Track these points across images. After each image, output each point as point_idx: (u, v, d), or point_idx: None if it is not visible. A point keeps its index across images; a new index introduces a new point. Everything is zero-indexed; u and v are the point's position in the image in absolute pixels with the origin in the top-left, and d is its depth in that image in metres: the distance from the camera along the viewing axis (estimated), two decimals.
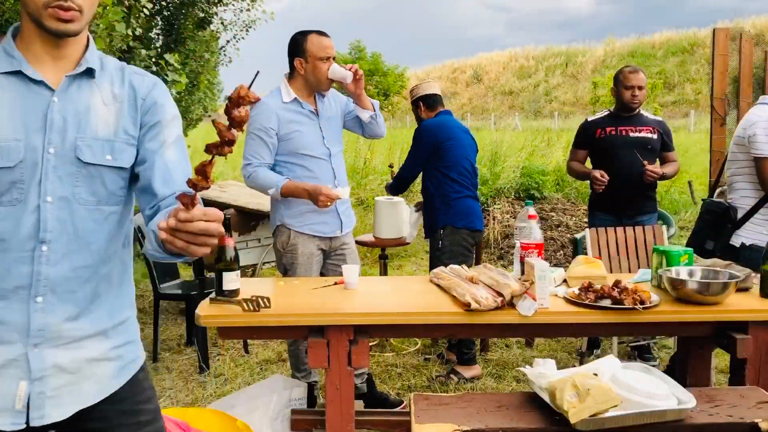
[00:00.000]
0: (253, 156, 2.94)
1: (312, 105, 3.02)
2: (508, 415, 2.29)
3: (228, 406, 2.68)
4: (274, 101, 2.96)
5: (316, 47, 2.90)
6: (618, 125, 3.71)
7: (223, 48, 8.28)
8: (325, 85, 3.00)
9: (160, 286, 3.91)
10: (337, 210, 3.02)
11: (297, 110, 2.98)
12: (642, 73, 3.72)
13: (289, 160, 2.97)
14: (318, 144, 3.00)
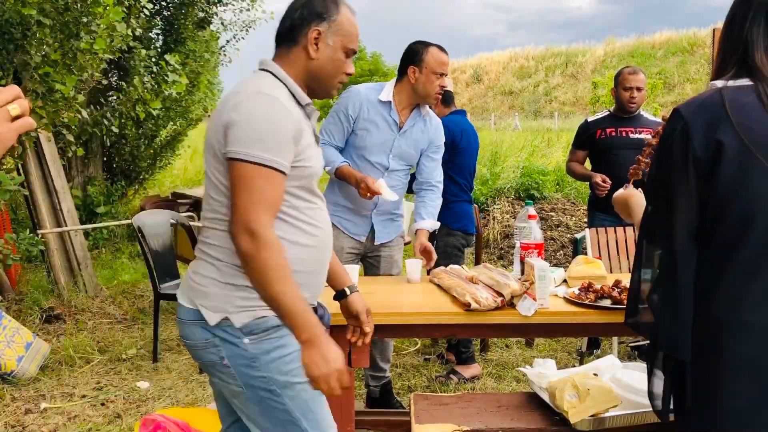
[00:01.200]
0: (325, 132, 2.96)
1: (402, 117, 2.94)
2: (508, 415, 2.29)
3: None
4: (369, 92, 2.92)
5: (435, 61, 2.85)
6: (618, 126, 3.71)
7: (223, 48, 8.29)
8: (431, 98, 2.93)
9: (161, 286, 3.90)
10: (372, 216, 2.98)
11: (383, 113, 2.90)
12: (642, 74, 3.72)
13: (351, 153, 2.94)
14: (381, 153, 2.92)
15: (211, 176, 1.62)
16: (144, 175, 7.65)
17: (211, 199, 1.62)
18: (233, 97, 1.57)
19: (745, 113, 1.44)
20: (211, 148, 1.60)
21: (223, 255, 1.59)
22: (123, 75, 6.85)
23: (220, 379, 1.64)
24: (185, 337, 1.66)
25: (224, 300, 1.58)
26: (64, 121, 4.32)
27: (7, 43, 4.02)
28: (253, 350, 1.58)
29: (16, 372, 3.52)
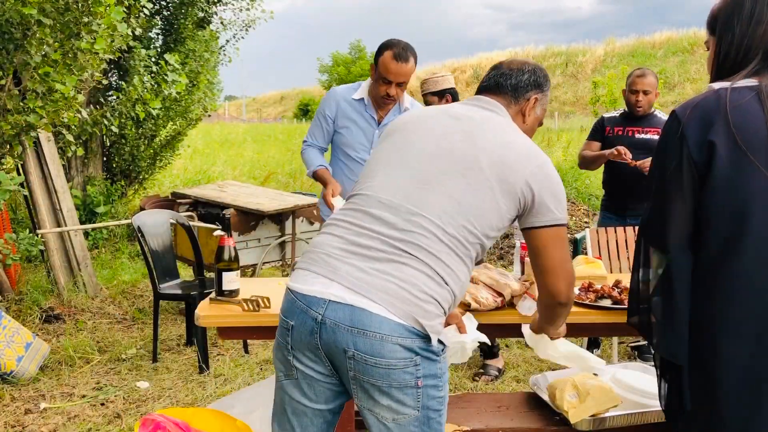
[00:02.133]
0: (309, 135, 3.10)
1: (381, 112, 3.02)
2: (508, 415, 2.29)
3: (228, 406, 2.68)
4: (345, 92, 3.05)
5: (383, 67, 2.87)
6: (627, 125, 3.76)
7: (222, 47, 8.28)
8: (379, 102, 2.99)
9: (160, 286, 3.90)
10: None
11: (359, 110, 3.01)
12: (651, 77, 3.71)
13: (338, 152, 3.07)
14: (362, 149, 3.03)
15: (491, 202, 1.58)
16: (144, 175, 7.64)
17: (465, 220, 1.56)
18: (532, 158, 1.64)
19: (740, 113, 1.44)
20: (504, 180, 1.59)
21: (449, 278, 1.55)
22: (123, 75, 6.85)
23: (398, 402, 1.51)
24: (378, 355, 1.46)
25: (438, 321, 1.54)
26: (64, 121, 4.31)
27: (7, 42, 4.02)
28: (443, 368, 1.58)
29: (16, 372, 3.52)
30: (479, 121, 1.67)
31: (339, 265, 1.52)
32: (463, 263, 1.58)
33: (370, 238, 1.54)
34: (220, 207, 5.11)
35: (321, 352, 1.53)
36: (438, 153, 1.61)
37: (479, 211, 1.57)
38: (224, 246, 2.37)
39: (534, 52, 41.82)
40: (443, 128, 1.66)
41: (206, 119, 10.14)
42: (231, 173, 11.30)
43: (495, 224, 1.60)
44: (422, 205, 1.55)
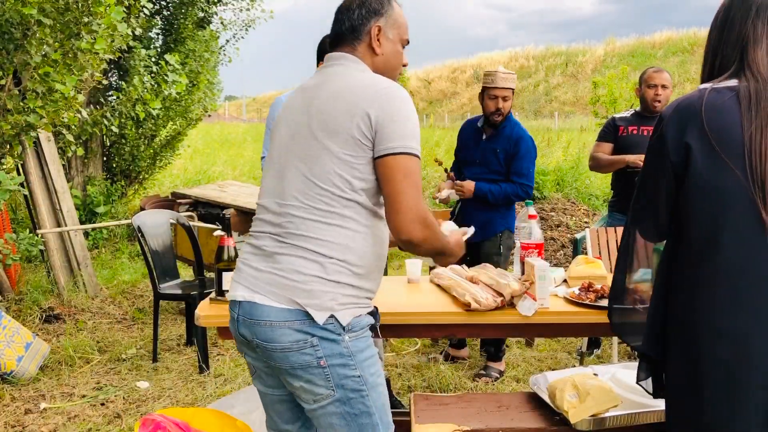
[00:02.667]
0: (266, 149, 3.08)
1: None
2: (508, 415, 2.29)
3: (228, 406, 2.68)
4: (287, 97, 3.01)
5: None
6: (640, 125, 3.72)
7: (222, 47, 8.29)
8: None
9: (160, 286, 3.90)
10: None
11: None
12: (666, 73, 3.71)
13: None
14: None
15: (325, 162, 1.57)
16: (144, 175, 7.64)
17: (317, 187, 1.57)
18: (372, 90, 1.58)
19: (717, 114, 1.46)
20: (337, 133, 1.56)
21: (329, 250, 1.57)
22: (123, 75, 6.86)
23: (308, 382, 1.58)
24: (272, 341, 1.57)
25: (330, 297, 1.56)
26: (64, 121, 4.32)
27: (7, 42, 4.02)
28: (352, 348, 1.59)
29: (16, 372, 3.52)
30: (319, 84, 1.67)
31: (244, 268, 1.68)
32: (341, 227, 1.58)
33: (262, 239, 1.66)
34: (220, 207, 5.11)
35: (245, 346, 1.69)
36: (287, 138, 1.66)
37: (326, 175, 1.57)
38: (224, 246, 2.37)
39: (534, 52, 41.82)
40: (293, 110, 1.69)
41: (206, 119, 10.14)
42: (231, 173, 11.30)
43: (351, 176, 1.57)
44: (283, 195, 1.63)
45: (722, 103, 1.47)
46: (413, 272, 2.65)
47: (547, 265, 2.16)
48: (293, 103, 1.71)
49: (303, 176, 1.59)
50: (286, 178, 1.62)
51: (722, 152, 1.43)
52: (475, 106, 37.01)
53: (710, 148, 1.44)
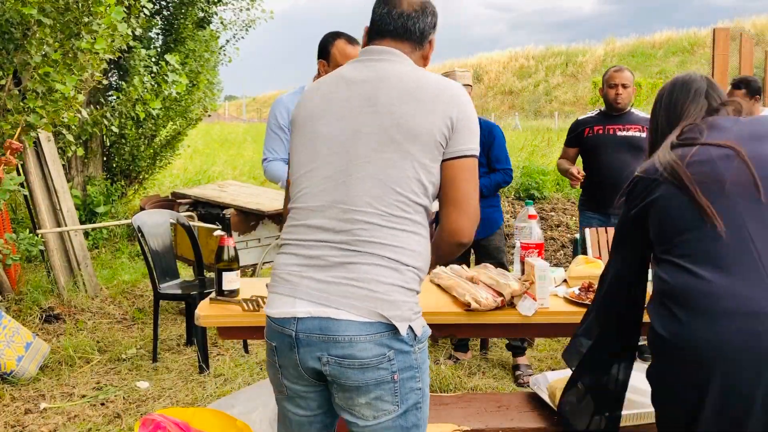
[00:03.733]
0: (268, 150, 3.04)
1: None
2: (508, 415, 2.29)
3: (228, 406, 2.68)
4: (291, 98, 3.01)
5: (341, 54, 2.85)
6: (606, 124, 3.76)
7: (222, 47, 8.28)
8: None
9: (160, 286, 3.90)
10: None
11: None
12: (627, 72, 3.78)
13: None
14: None
15: (406, 168, 1.51)
16: (144, 175, 7.64)
17: (396, 193, 1.50)
18: (449, 92, 1.56)
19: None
20: (420, 139, 1.51)
21: (405, 257, 1.51)
22: (123, 75, 6.86)
23: (377, 398, 1.51)
24: (350, 356, 1.47)
25: (408, 308, 1.51)
26: (64, 121, 4.32)
27: (7, 42, 4.02)
28: (419, 359, 1.55)
29: (16, 372, 3.52)
30: (377, 78, 1.57)
31: (298, 281, 1.54)
32: (414, 233, 1.54)
33: (318, 248, 1.53)
34: (220, 207, 5.11)
35: (300, 369, 1.55)
36: (346, 137, 1.55)
37: (405, 180, 1.51)
38: (224, 246, 2.37)
39: (534, 52, 41.82)
40: (343, 104, 1.58)
41: (206, 119, 10.13)
42: (231, 173, 11.30)
43: (427, 180, 1.54)
44: (350, 200, 1.52)
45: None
46: None
47: (547, 265, 2.16)
48: (337, 95, 1.59)
49: (379, 181, 1.50)
50: (353, 183, 1.52)
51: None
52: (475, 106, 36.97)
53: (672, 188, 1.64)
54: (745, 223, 1.48)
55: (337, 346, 1.48)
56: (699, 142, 1.60)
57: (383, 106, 1.53)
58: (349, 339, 1.47)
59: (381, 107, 1.53)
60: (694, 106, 1.71)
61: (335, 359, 1.48)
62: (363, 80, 1.57)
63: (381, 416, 1.52)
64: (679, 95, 1.76)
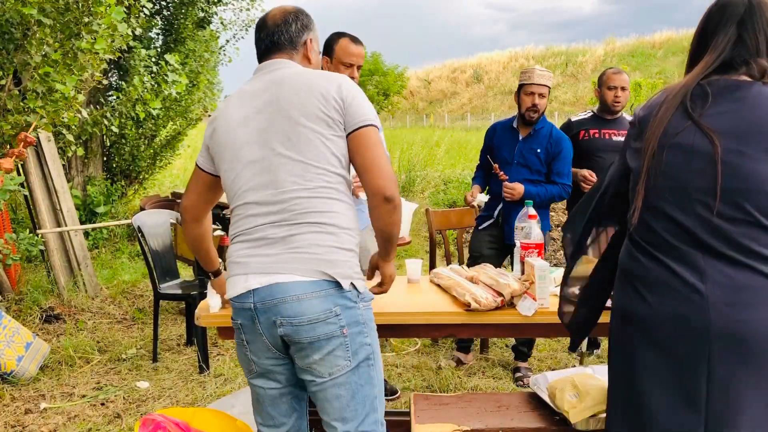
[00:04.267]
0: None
1: None
2: (508, 415, 2.29)
3: (228, 406, 2.68)
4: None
5: (343, 51, 2.91)
6: (601, 128, 3.72)
7: (222, 47, 8.29)
8: None
9: (160, 286, 3.90)
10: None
11: None
12: (625, 74, 3.75)
13: None
14: None
15: (315, 144, 1.70)
16: (144, 175, 7.65)
17: (314, 167, 1.69)
18: (326, 78, 1.75)
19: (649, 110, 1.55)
20: (316, 116, 1.70)
21: (338, 220, 1.70)
22: (123, 75, 6.86)
23: (330, 353, 1.67)
24: (299, 314, 1.65)
25: (348, 266, 1.69)
26: (64, 121, 4.32)
27: (7, 42, 4.03)
28: (365, 315, 1.73)
29: (16, 372, 3.52)
30: (273, 84, 1.77)
31: (248, 260, 1.72)
32: (339, 200, 1.73)
33: (261, 230, 1.71)
34: (220, 207, 5.11)
35: (265, 339, 1.72)
36: (261, 136, 1.73)
37: (320, 155, 1.70)
38: (224, 246, 2.37)
39: (534, 52, 41.84)
40: (252, 112, 1.77)
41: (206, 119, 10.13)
42: None
43: (339, 153, 1.73)
44: (278, 183, 1.70)
45: (655, 101, 1.56)
46: (413, 272, 2.64)
47: (547, 265, 2.16)
48: (238, 112, 1.79)
49: (297, 162, 1.69)
50: (276, 170, 1.70)
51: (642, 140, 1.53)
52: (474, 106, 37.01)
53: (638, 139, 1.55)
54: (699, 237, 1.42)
55: (287, 307, 1.65)
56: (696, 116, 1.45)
57: (283, 102, 1.73)
58: (297, 298, 1.64)
59: (282, 104, 1.73)
60: (721, 36, 1.48)
61: (287, 319, 1.65)
62: (263, 89, 1.78)
63: (335, 372, 1.69)
64: (711, 18, 1.53)
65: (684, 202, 1.44)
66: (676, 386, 1.43)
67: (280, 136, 1.71)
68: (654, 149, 1.47)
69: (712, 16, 1.52)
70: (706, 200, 1.41)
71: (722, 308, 1.38)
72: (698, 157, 1.42)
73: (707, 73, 1.49)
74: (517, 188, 3.39)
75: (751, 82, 1.44)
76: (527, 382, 3.53)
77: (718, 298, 1.38)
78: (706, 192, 1.41)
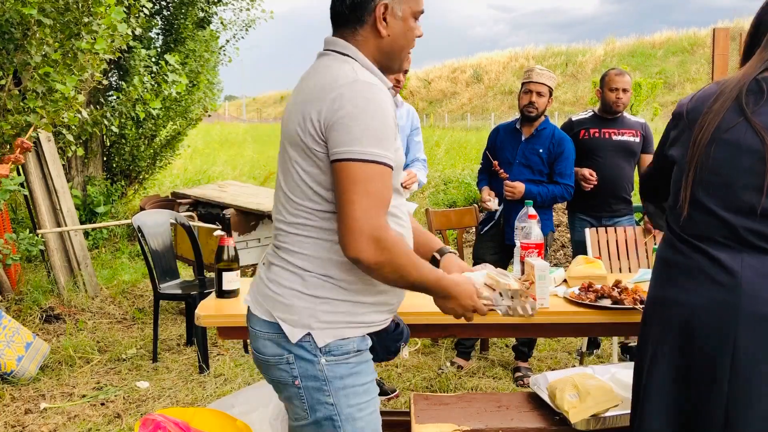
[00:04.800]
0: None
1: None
2: (508, 415, 2.29)
3: (228, 406, 2.67)
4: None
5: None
6: (602, 127, 3.74)
7: (222, 47, 8.29)
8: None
9: (160, 286, 3.90)
10: None
11: None
12: (627, 76, 3.76)
13: None
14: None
15: (293, 174, 1.45)
16: (144, 175, 7.64)
17: (292, 201, 1.46)
18: (328, 88, 1.39)
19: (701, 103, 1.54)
20: (294, 142, 1.43)
21: (309, 264, 1.46)
22: (123, 75, 6.85)
23: (287, 399, 1.53)
24: (256, 350, 1.53)
25: (308, 314, 1.45)
26: (64, 121, 4.31)
27: (7, 42, 4.02)
28: (327, 373, 1.46)
29: (16, 372, 3.52)
30: (301, 86, 1.50)
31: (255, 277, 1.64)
32: (318, 239, 1.46)
33: (270, 248, 1.61)
34: (220, 207, 5.11)
35: None
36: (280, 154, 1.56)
37: (295, 187, 1.45)
38: (224, 246, 2.37)
39: (534, 52, 41.83)
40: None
41: (206, 119, 10.13)
42: (231, 173, 11.30)
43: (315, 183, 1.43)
44: (274, 209, 1.57)
45: (708, 94, 1.54)
46: None
47: (547, 265, 2.16)
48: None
49: (282, 190, 1.50)
50: (275, 195, 1.56)
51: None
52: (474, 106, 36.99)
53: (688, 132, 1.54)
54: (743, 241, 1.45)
55: (253, 339, 1.55)
56: (748, 113, 1.44)
57: (284, 121, 1.52)
58: (255, 333, 1.53)
59: (283, 123, 1.52)
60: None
61: (255, 351, 1.55)
62: (297, 88, 1.53)
63: (299, 419, 1.52)
64: (765, 12, 1.54)
65: (728, 197, 1.45)
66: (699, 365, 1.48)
67: (280, 159, 1.53)
68: (704, 143, 1.47)
69: (766, 11, 1.54)
70: (751, 198, 1.43)
71: (752, 291, 1.42)
72: (747, 154, 1.43)
73: (763, 68, 1.49)
74: (517, 187, 3.40)
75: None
76: (527, 382, 3.52)
77: (749, 283, 1.42)
78: (753, 189, 1.43)
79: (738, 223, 1.44)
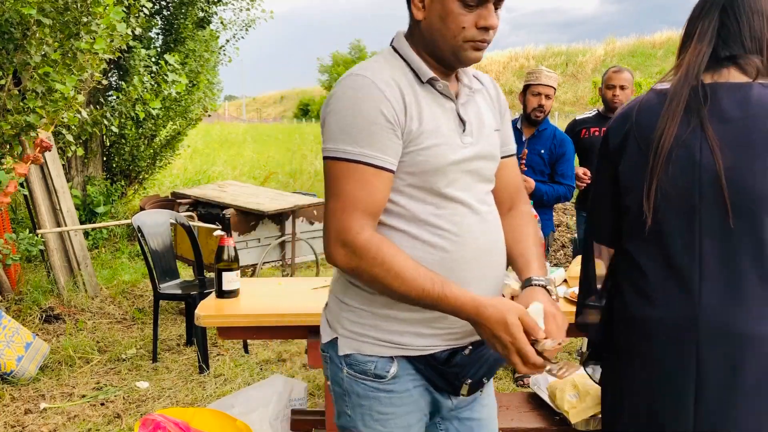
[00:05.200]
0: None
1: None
2: (508, 415, 2.29)
3: (228, 406, 2.67)
4: None
5: None
6: (603, 126, 3.77)
7: (222, 47, 8.29)
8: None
9: (160, 286, 3.90)
10: None
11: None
12: (627, 73, 3.77)
13: None
14: None
15: None
16: (144, 175, 7.65)
17: None
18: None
19: (646, 115, 1.43)
20: None
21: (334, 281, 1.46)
22: (123, 75, 6.86)
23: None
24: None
25: (336, 318, 1.38)
26: (64, 121, 4.31)
27: (7, 42, 4.02)
28: (346, 386, 1.36)
29: (16, 372, 3.52)
30: None
31: None
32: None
33: None
34: (220, 207, 5.11)
35: None
36: None
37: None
38: (224, 246, 2.37)
39: (534, 52, 41.86)
40: None
41: (206, 119, 10.14)
42: (231, 173, 11.30)
43: None
44: None
45: (653, 104, 1.44)
46: None
47: (547, 265, 2.16)
48: None
49: None
50: None
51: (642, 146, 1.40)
52: None
53: (637, 147, 1.42)
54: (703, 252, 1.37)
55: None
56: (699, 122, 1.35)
57: None
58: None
59: None
60: (704, 22, 1.44)
61: None
62: None
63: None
64: (696, 4, 1.47)
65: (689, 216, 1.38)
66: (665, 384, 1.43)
67: None
68: (661, 161, 1.37)
69: (697, 5, 1.49)
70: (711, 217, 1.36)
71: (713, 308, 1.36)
72: (705, 171, 1.35)
73: (703, 69, 1.44)
74: (530, 181, 3.39)
75: (749, 83, 1.40)
76: (527, 382, 3.52)
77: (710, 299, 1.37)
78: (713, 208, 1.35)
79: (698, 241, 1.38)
